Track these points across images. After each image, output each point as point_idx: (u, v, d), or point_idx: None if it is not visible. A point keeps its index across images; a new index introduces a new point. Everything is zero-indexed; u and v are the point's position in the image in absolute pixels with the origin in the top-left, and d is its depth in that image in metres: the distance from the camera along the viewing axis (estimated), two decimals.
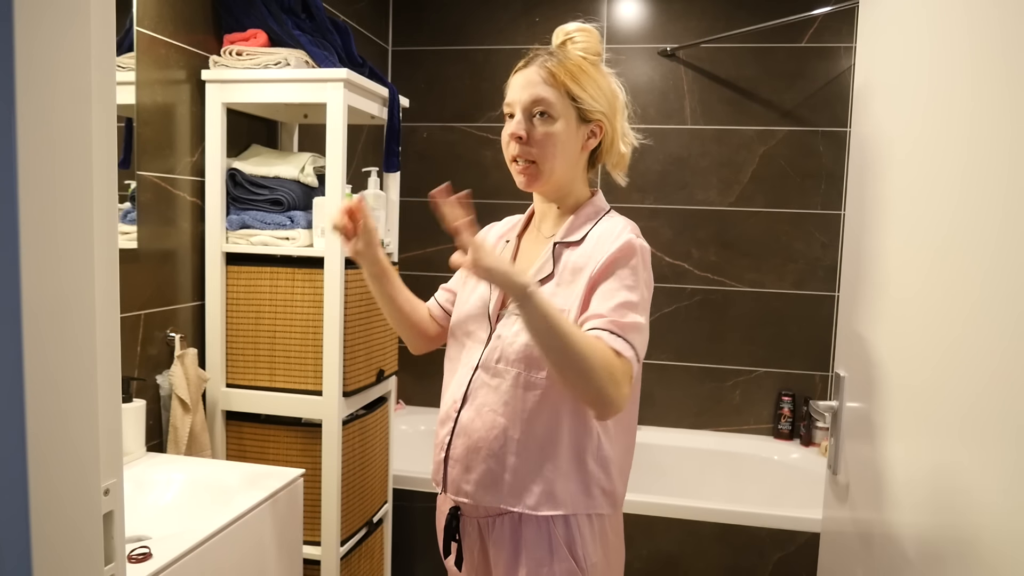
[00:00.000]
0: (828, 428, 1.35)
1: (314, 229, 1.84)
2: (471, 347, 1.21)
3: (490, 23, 2.98)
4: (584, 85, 1.14)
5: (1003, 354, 0.78)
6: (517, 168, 1.17)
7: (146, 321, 1.69)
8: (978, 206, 0.86)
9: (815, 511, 2.04)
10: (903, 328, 1.06)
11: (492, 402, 1.14)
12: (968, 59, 0.91)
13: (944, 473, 0.91)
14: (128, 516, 0.77)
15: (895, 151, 1.13)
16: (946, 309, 0.92)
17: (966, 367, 0.87)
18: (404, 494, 2.45)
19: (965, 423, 0.86)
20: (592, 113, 1.15)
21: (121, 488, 0.64)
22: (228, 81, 1.82)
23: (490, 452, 1.14)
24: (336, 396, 1.82)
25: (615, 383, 1.01)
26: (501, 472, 1.13)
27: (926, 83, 1.03)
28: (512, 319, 1.15)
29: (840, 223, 2.80)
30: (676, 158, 2.90)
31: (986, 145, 0.85)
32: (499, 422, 1.13)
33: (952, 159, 0.93)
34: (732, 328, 2.91)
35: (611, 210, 1.23)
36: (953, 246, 0.91)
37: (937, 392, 0.94)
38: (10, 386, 0.51)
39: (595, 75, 1.16)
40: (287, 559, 1.52)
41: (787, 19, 2.52)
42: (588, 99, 1.14)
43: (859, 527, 1.21)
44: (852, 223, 1.33)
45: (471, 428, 1.16)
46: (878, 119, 1.22)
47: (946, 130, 0.95)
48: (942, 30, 0.98)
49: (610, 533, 1.18)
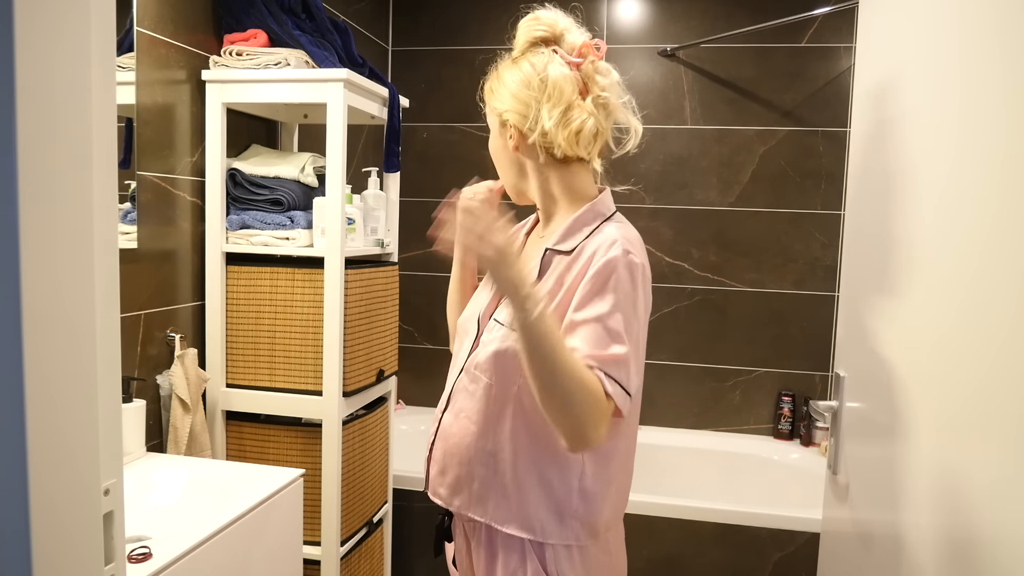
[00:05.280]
0: (828, 428, 1.35)
1: (314, 229, 1.84)
2: (464, 347, 1.17)
3: (490, 23, 2.98)
4: (494, 90, 1.11)
5: (1003, 353, 0.78)
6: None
7: (146, 321, 1.69)
8: (977, 204, 0.86)
9: (815, 511, 2.04)
10: (903, 328, 1.06)
11: (468, 408, 1.11)
12: (968, 58, 0.91)
13: (944, 473, 0.91)
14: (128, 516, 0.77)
15: (895, 151, 1.13)
16: (946, 308, 0.92)
17: (966, 366, 0.87)
18: (404, 494, 2.45)
19: (965, 423, 0.86)
20: (502, 115, 1.09)
21: (121, 488, 0.64)
22: (228, 81, 1.82)
23: (460, 460, 1.11)
24: (336, 396, 1.82)
25: (594, 423, 0.94)
26: (470, 481, 1.10)
27: (926, 82, 1.03)
28: (491, 323, 1.11)
29: (840, 223, 2.80)
30: (676, 158, 2.90)
31: (985, 144, 0.85)
32: (471, 430, 1.10)
33: (952, 159, 0.93)
34: (732, 328, 2.91)
35: (616, 213, 1.12)
36: (953, 245, 0.91)
37: (937, 392, 0.94)
38: (10, 386, 0.51)
39: (504, 73, 1.10)
40: (287, 559, 1.52)
41: (787, 19, 2.52)
42: (495, 101, 1.11)
43: (859, 527, 1.21)
44: (852, 223, 1.33)
45: (448, 432, 1.13)
46: (878, 119, 1.22)
47: (946, 130, 0.95)
48: (942, 30, 0.98)
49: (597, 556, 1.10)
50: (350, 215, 1.89)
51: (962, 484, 0.86)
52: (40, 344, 0.53)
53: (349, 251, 1.85)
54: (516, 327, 0.93)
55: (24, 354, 0.51)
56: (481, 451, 1.09)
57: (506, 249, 0.93)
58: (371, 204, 2.04)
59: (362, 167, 2.32)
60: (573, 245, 1.06)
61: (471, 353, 1.13)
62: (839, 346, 1.37)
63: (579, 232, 1.08)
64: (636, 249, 1.03)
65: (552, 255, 1.08)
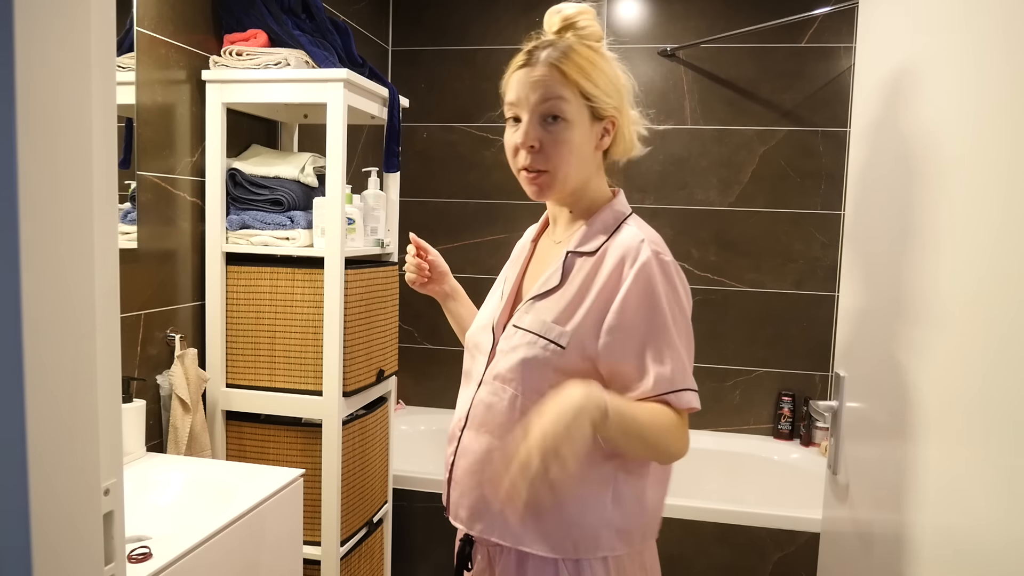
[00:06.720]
0: (828, 428, 1.35)
1: (314, 229, 1.84)
2: (479, 360, 1.12)
3: (490, 23, 2.98)
4: (596, 80, 1.02)
5: (1003, 353, 0.78)
6: (527, 177, 1.05)
7: (146, 321, 1.69)
8: (978, 203, 0.86)
9: (815, 511, 2.04)
10: (903, 328, 1.06)
11: (488, 422, 1.05)
12: (969, 57, 0.91)
13: (944, 473, 0.91)
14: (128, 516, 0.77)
15: (895, 150, 1.13)
16: (946, 308, 0.92)
17: (966, 366, 0.87)
18: (404, 494, 2.45)
19: (965, 423, 0.86)
20: (605, 110, 1.04)
21: (121, 488, 0.64)
22: (228, 81, 1.82)
23: (483, 478, 1.04)
24: (336, 396, 1.82)
25: (679, 441, 0.98)
26: (493, 501, 1.02)
27: (927, 82, 1.03)
28: (512, 330, 1.06)
29: (840, 223, 2.80)
30: (676, 158, 2.90)
31: (984, 144, 0.85)
32: (494, 445, 1.03)
33: (953, 158, 0.93)
34: (732, 328, 2.91)
35: (632, 214, 1.10)
36: (953, 245, 0.91)
37: (937, 392, 0.94)
38: (10, 386, 0.51)
39: (603, 65, 1.04)
40: (287, 559, 1.52)
41: (787, 19, 2.52)
42: (601, 95, 1.03)
43: (859, 527, 1.21)
44: (852, 223, 1.33)
45: (469, 450, 1.07)
46: (878, 118, 1.22)
47: (947, 129, 0.95)
48: (942, 29, 0.98)
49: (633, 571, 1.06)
50: (350, 215, 1.89)
51: (962, 484, 0.86)
52: (40, 344, 0.53)
53: (349, 251, 1.85)
54: (602, 438, 0.93)
55: (24, 354, 0.51)
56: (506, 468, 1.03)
57: (575, 430, 0.87)
58: (371, 204, 2.04)
59: (362, 167, 2.32)
60: (596, 246, 1.05)
61: (488, 365, 1.08)
62: (839, 346, 1.37)
63: (599, 234, 1.06)
64: (662, 247, 1.04)
65: (574, 258, 1.06)
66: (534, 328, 1.03)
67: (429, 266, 1.29)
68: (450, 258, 1.36)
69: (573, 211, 1.11)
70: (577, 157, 1.03)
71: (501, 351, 1.06)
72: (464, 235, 3.03)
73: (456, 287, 1.33)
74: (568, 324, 1.01)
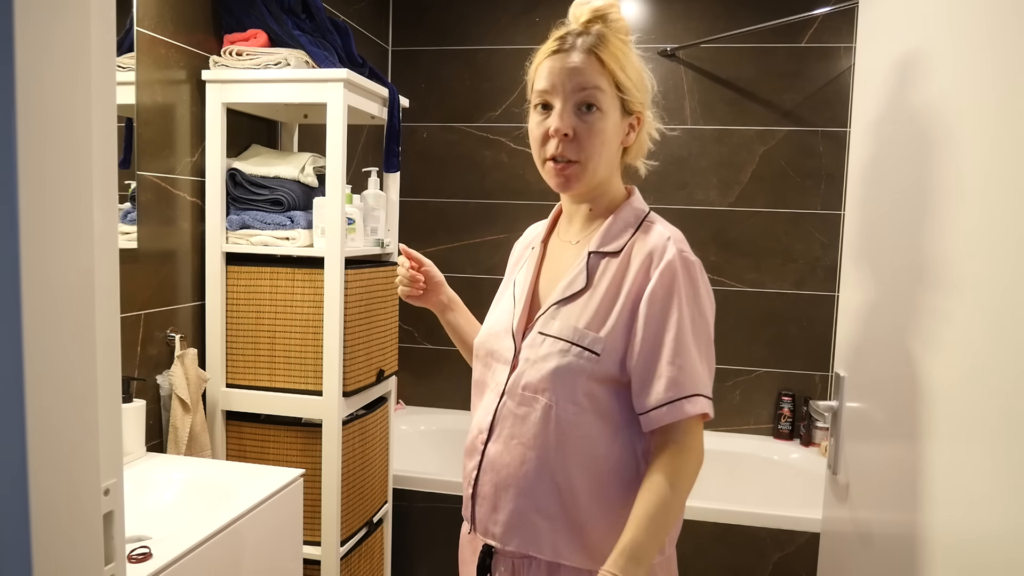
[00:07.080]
0: (828, 428, 1.35)
1: (314, 229, 1.84)
2: (497, 369, 1.08)
3: (490, 23, 2.98)
4: (629, 73, 1.01)
5: (1003, 353, 0.78)
6: (554, 168, 1.01)
7: (146, 321, 1.69)
8: (979, 202, 0.86)
9: (815, 511, 2.04)
10: (903, 328, 1.06)
11: (521, 434, 1.01)
12: (968, 57, 0.91)
13: (944, 473, 0.91)
14: (128, 516, 0.77)
15: (895, 150, 1.13)
16: (946, 308, 0.92)
17: (966, 366, 0.87)
18: (404, 494, 2.45)
19: (965, 422, 0.86)
20: (634, 104, 1.03)
21: (121, 488, 0.64)
22: (228, 81, 1.82)
23: (519, 491, 1.01)
24: (336, 396, 1.82)
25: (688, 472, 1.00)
26: (531, 513, 1.00)
27: (927, 81, 1.03)
28: (539, 337, 1.02)
29: (840, 223, 2.80)
30: (676, 158, 2.90)
31: (988, 141, 0.85)
32: (529, 456, 1.00)
33: (953, 157, 0.93)
34: (732, 328, 2.91)
35: (651, 211, 1.09)
36: (954, 243, 0.91)
37: (937, 392, 0.94)
38: (10, 386, 0.51)
39: (634, 59, 1.03)
40: (287, 559, 1.52)
41: (787, 19, 2.52)
42: (633, 89, 1.02)
43: (859, 527, 1.21)
44: (852, 223, 1.33)
45: (499, 463, 1.03)
46: (878, 118, 1.22)
47: (947, 128, 0.95)
48: (942, 29, 0.98)
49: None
50: (350, 215, 1.89)
51: (962, 483, 0.86)
52: (40, 344, 0.53)
53: (349, 251, 1.85)
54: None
55: (24, 354, 0.51)
56: (544, 479, 1.00)
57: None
58: (371, 204, 2.04)
59: (362, 167, 2.32)
60: (620, 246, 1.03)
61: (511, 374, 1.05)
62: (839, 346, 1.37)
63: (623, 233, 1.05)
64: (686, 246, 1.03)
65: (598, 259, 1.04)
66: (565, 335, 1.00)
67: (423, 277, 1.23)
68: (450, 258, 1.36)
69: (593, 208, 1.08)
70: (608, 149, 1.02)
71: (527, 360, 1.03)
72: (464, 235, 3.03)
73: (454, 297, 1.27)
74: (602, 330, 0.99)
